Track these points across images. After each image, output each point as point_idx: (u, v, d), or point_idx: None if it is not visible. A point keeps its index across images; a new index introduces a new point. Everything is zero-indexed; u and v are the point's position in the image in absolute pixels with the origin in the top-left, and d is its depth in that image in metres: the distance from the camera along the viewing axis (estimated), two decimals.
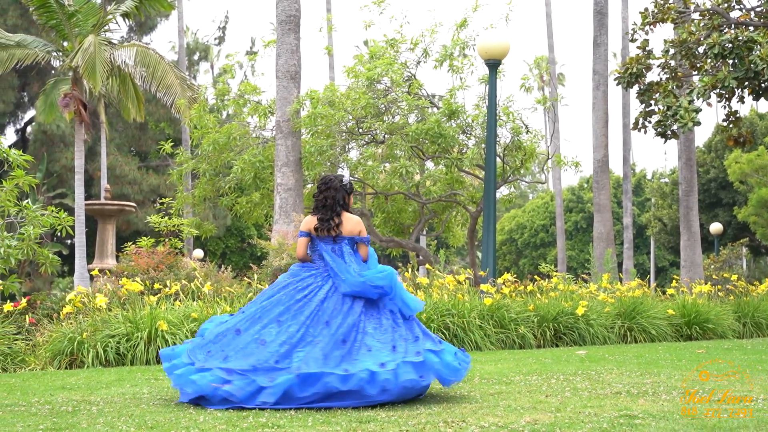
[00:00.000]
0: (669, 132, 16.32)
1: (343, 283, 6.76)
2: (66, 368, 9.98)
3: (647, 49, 16.84)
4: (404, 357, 6.39)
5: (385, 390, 6.21)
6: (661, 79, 16.84)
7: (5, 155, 12.94)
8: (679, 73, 16.58)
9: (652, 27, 16.89)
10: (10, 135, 38.78)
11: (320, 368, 6.21)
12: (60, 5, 18.68)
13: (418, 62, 17.94)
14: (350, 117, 17.03)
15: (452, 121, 16.91)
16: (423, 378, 6.39)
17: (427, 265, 14.68)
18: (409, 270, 14.07)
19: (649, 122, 16.95)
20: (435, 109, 17.42)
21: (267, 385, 6.19)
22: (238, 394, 6.21)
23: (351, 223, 6.98)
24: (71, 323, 10.67)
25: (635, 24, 17.02)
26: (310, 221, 7.04)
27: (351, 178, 7.25)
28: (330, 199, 6.98)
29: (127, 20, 21.92)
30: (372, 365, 6.27)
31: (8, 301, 11.34)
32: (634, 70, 16.59)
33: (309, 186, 18.83)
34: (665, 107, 15.83)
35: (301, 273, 6.94)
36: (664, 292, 16.26)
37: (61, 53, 20.08)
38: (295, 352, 6.39)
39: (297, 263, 7.13)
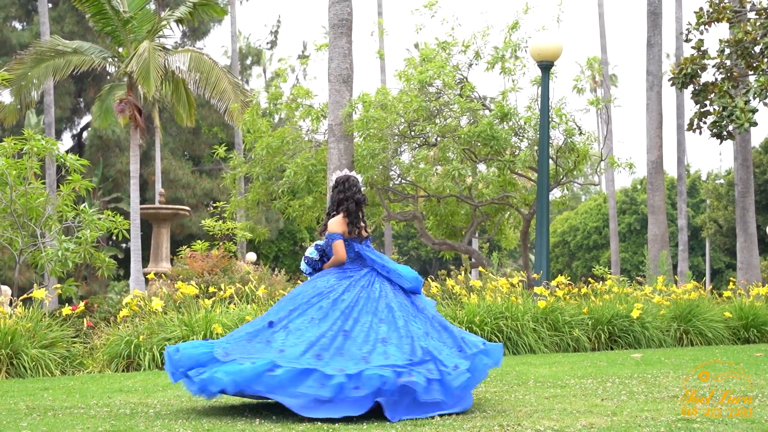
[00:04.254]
0: (725, 133, 16.10)
1: (404, 278, 6.96)
2: (123, 371, 10.11)
3: (702, 49, 16.63)
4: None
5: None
6: (716, 79, 16.63)
7: (62, 160, 13.16)
8: (734, 73, 16.35)
9: (707, 27, 16.68)
10: (67, 140, 39.44)
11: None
12: (116, 12, 18.94)
13: (470, 65, 17.88)
14: (402, 120, 17.02)
15: (504, 123, 16.83)
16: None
17: (480, 268, 14.63)
18: (462, 273, 14.05)
19: (704, 123, 16.74)
20: (487, 112, 17.36)
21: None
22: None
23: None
24: (128, 326, 10.80)
25: (690, 24, 16.82)
26: (341, 222, 6.98)
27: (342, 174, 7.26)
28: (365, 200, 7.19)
29: (180, 26, 22.15)
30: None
31: (66, 304, 11.52)
32: (689, 70, 16.41)
33: (361, 188, 18.81)
34: (721, 108, 15.63)
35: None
36: (720, 295, 16.05)
37: (116, 59, 20.36)
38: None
39: (333, 269, 6.98)
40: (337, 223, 6.93)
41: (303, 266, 7.13)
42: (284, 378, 5.93)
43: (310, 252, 7.04)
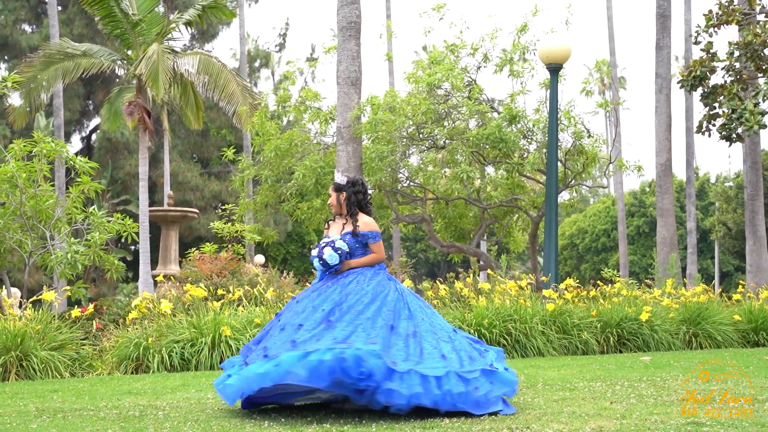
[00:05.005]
0: (734, 135, 16.07)
1: None
2: (132, 373, 10.12)
3: (711, 51, 16.61)
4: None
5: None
6: (725, 81, 16.60)
7: (72, 162, 13.19)
8: (744, 76, 16.32)
9: (716, 29, 16.65)
10: (76, 142, 39.53)
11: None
12: (125, 15, 18.98)
13: (479, 67, 17.87)
14: (411, 122, 17.02)
15: (513, 125, 16.82)
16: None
17: (488, 271, 14.62)
18: (471, 275, 14.03)
19: (713, 126, 16.71)
20: (496, 114, 17.36)
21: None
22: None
23: None
24: (137, 329, 10.82)
25: (699, 26, 16.79)
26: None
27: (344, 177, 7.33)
28: None
29: (189, 28, 22.22)
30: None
31: (75, 306, 11.53)
32: (698, 72, 16.38)
33: (369, 192, 18.82)
34: (730, 110, 15.61)
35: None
36: (729, 298, 16.00)
37: (125, 62, 20.40)
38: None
39: (373, 267, 6.96)
40: (374, 223, 7.04)
41: (333, 258, 6.81)
42: (488, 395, 6.20)
43: (341, 244, 6.88)
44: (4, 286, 13.34)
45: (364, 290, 6.65)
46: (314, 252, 6.95)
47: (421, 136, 17.34)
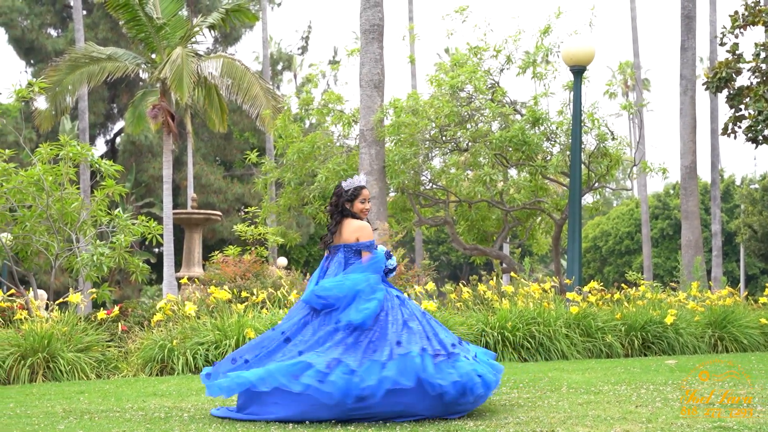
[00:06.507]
0: (760, 137, 15.99)
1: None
2: (157, 375, 10.16)
3: (737, 52, 16.54)
4: None
5: None
6: (751, 83, 16.53)
7: (97, 165, 13.26)
8: None
9: (742, 30, 16.59)
10: (101, 145, 39.74)
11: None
12: (149, 18, 19.07)
13: (502, 69, 17.87)
14: (433, 125, 17.03)
15: (536, 128, 16.80)
16: None
17: (511, 273, 14.60)
18: (494, 278, 14.02)
19: (739, 127, 16.65)
20: (519, 116, 17.34)
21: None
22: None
23: (347, 230, 6.80)
24: (161, 331, 10.86)
25: (725, 27, 16.72)
26: None
27: (356, 183, 6.95)
28: (332, 206, 6.91)
29: (212, 32, 22.27)
30: None
31: (101, 308, 11.60)
32: (724, 74, 16.32)
33: (392, 194, 18.88)
34: (756, 112, 15.53)
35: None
36: (755, 301, 15.89)
37: (149, 65, 20.49)
38: None
39: None
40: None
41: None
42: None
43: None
44: (31, 288, 13.43)
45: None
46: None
47: (443, 138, 17.34)
